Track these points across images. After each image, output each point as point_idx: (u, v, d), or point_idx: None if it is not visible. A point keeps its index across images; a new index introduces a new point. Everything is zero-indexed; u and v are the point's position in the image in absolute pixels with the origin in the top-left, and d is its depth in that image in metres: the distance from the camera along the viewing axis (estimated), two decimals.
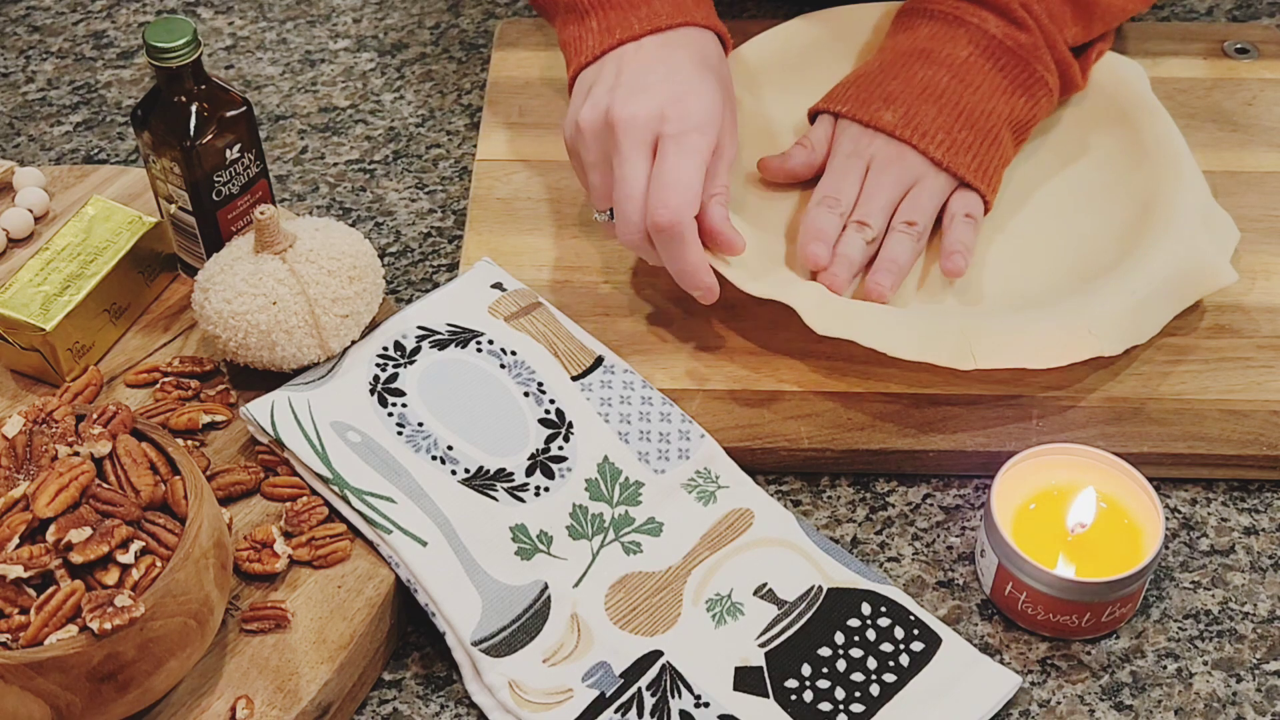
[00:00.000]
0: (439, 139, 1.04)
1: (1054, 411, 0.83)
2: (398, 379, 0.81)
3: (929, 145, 0.89)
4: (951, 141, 0.89)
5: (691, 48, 0.86)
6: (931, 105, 0.90)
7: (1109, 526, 0.76)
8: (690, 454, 0.80)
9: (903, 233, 0.88)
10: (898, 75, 0.92)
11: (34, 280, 0.83)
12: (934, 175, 0.90)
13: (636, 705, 0.72)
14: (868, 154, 0.90)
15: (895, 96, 0.91)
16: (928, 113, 0.90)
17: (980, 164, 0.90)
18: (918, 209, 0.89)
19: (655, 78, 0.83)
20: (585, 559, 0.77)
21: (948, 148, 0.89)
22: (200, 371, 0.84)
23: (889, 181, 0.89)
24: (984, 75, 0.92)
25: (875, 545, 0.81)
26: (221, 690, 0.70)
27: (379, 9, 1.15)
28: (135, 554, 0.66)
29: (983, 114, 0.91)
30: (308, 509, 0.76)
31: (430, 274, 0.95)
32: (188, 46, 0.78)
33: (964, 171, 0.89)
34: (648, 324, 0.88)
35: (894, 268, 0.87)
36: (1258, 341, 0.87)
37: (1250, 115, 1.01)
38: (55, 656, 0.63)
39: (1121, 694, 0.74)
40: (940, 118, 0.90)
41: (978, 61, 0.92)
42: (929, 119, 0.90)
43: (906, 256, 0.88)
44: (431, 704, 0.74)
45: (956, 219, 0.90)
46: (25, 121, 1.06)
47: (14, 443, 0.69)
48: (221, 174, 0.83)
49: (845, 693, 0.72)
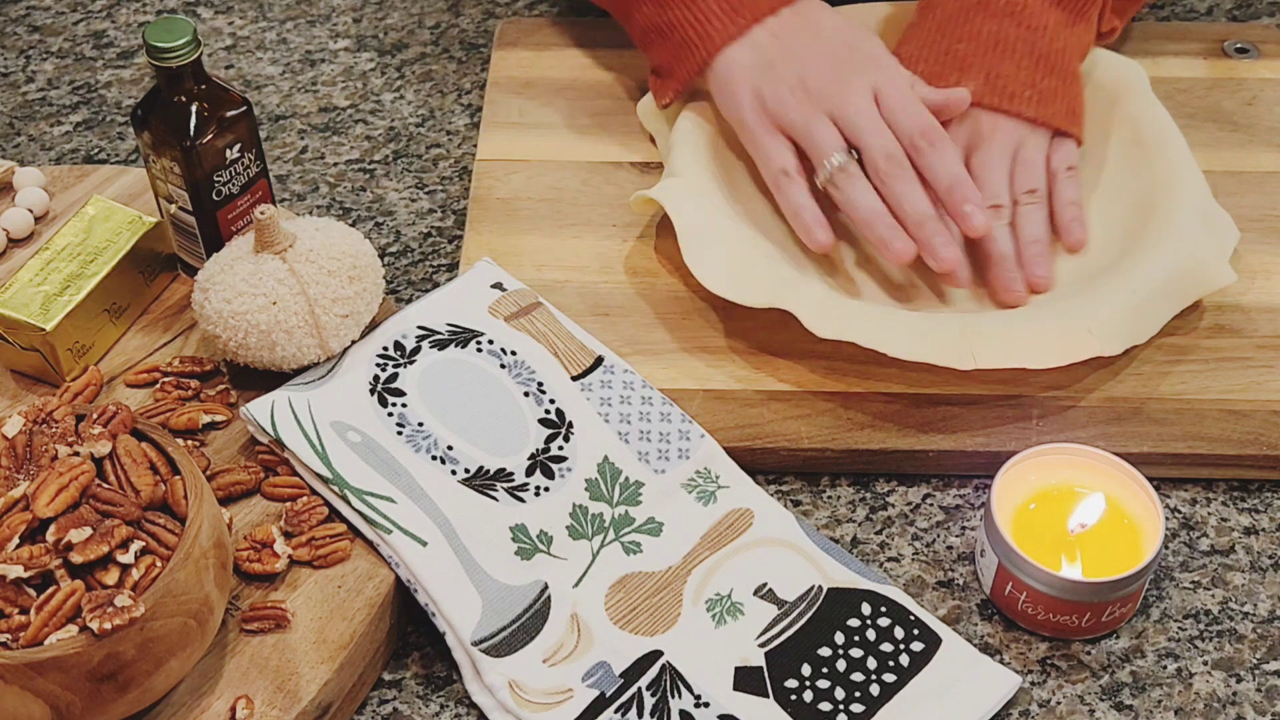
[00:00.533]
0: (439, 139, 1.04)
1: (1054, 411, 0.83)
2: (398, 379, 0.81)
3: (1021, 106, 0.88)
4: (1039, 94, 0.88)
5: (829, 14, 0.90)
6: (1008, 61, 0.89)
7: (1109, 526, 0.76)
8: (690, 454, 0.80)
9: (1030, 204, 0.88)
10: (961, 36, 0.90)
11: (34, 280, 0.83)
12: (1033, 133, 0.89)
13: (636, 705, 0.72)
14: (963, 135, 0.90)
15: (968, 61, 0.89)
16: (1007, 70, 0.89)
17: (1068, 107, 0.89)
18: (1032, 173, 0.88)
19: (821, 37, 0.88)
20: (585, 559, 0.77)
21: (1038, 102, 0.88)
22: (200, 371, 0.84)
23: (996, 156, 0.88)
24: (1046, 14, 0.90)
25: (875, 545, 0.81)
26: (221, 690, 0.70)
27: (379, 9, 1.15)
28: (135, 554, 0.66)
29: (1056, 54, 0.89)
30: (308, 509, 0.76)
31: (430, 274, 0.95)
32: (188, 46, 0.78)
33: (1059, 121, 0.89)
34: (648, 324, 0.88)
35: (1041, 249, 0.87)
36: (1257, 341, 0.87)
37: (1250, 115, 1.01)
38: (55, 656, 0.63)
39: (1121, 694, 0.74)
40: (1021, 72, 0.89)
41: (1035, 2, 0.90)
42: (1011, 77, 0.88)
43: (1043, 228, 0.88)
44: (431, 704, 0.74)
45: (1060, 176, 0.89)
46: (25, 121, 1.06)
47: (14, 443, 0.69)
48: (221, 174, 0.83)
49: (845, 693, 0.72)
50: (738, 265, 0.84)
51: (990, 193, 0.88)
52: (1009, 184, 0.89)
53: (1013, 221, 0.89)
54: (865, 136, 0.85)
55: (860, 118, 0.85)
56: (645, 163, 0.98)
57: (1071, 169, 0.90)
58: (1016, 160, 0.89)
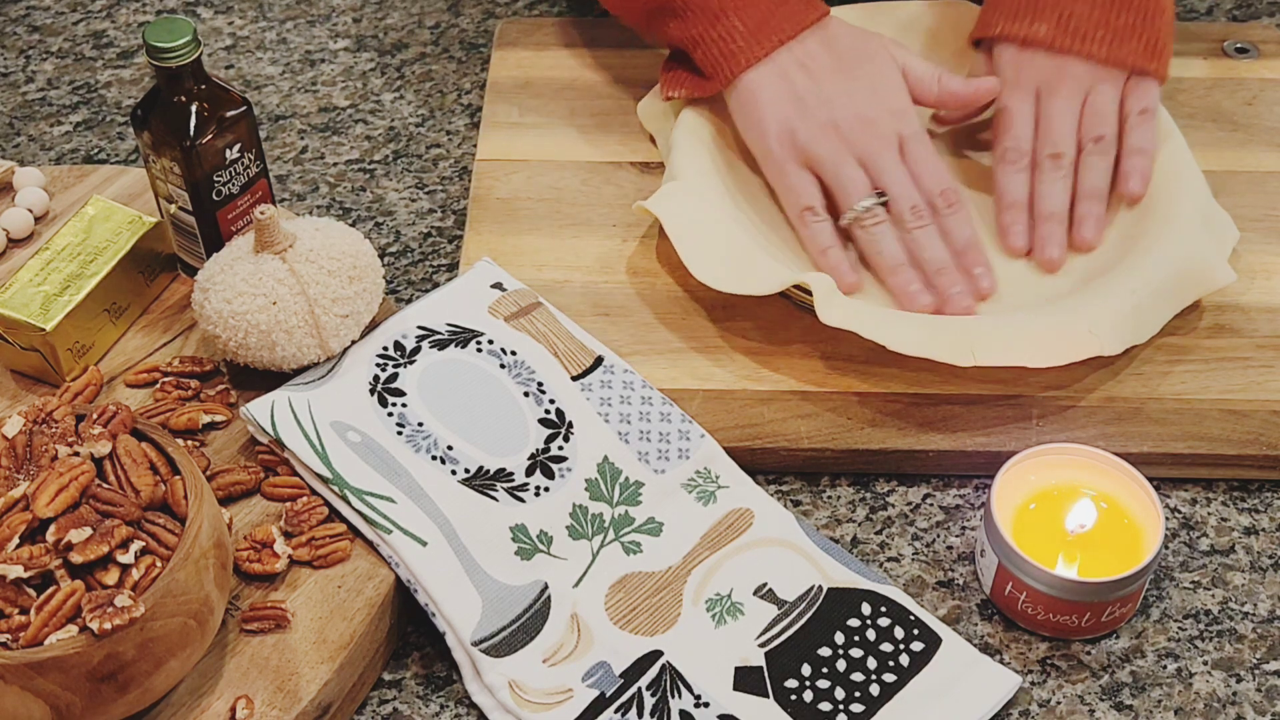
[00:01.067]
0: (439, 139, 1.04)
1: (1054, 411, 0.83)
2: (398, 379, 0.81)
3: (1091, 47, 0.87)
4: (1112, 34, 0.88)
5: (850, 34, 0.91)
6: (1082, 0, 0.88)
7: (1109, 526, 0.76)
8: (690, 454, 0.80)
9: (1094, 154, 0.88)
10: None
11: (34, 280, 0.83)
12: (1104, 75, 0.89)
13: (636, 705, 0.72)
14: (1032, 81, 0.89)
15: (1042, 2, 0.89)
16: (1081, 9, 0.88)
17: (1147, 43, 0.88)
18: (1101, 119, 0.88)
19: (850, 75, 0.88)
20: (585, 559, 0.77)
21: (1109, 42, 0.87)
22: (200, 371, 0.84)
23: (1063, 103, 0.88)
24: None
25: (875, 545, 0.81)
26: (221, 690, 0.70)
27: (379, 9, 1.15)
28: (135, 554, 0.66)
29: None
30: (308, 509, 0.76)
31: (430, 274, 0.95)
32: (188, 46, 0.78)
33: (1133, 59, 0.88)
34: (648, 324, 0.88)
35: (1095, 205, 0.87)
36: (1257, 341, 0.87)
37: (1250, 115, 1.01)
38: (55, 656, 0.63)
39: (1121, 694, 0.74)
40: (1095, 11, 0.88)
41: None
42: (1084, 16, 0.88)
43: (1104, 180, 0.88)
44: (431, 704, 0.74)
45: (1131, 120, 0.89)
46: (25, 121, 1.06)
47: (14, 443, 0.69)
48: (221, 174, 0.83)
49: (845, 693, 0.72)
50: (739, 261, 0.84)
51: (1052, 140, 0.89)
52: (1076, 132, 0.89)
53: (1077, 169, 0.89)
54: (893, 187, 0.87)
55: (890, 167, 0.88)
56: (645, 163, 0.98)
57: (1145, 112, 0.88)
58: (1086, 105, 0.89)
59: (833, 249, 0.88)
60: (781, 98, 0.89)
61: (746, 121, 0.90)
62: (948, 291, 0.86)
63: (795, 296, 0.86)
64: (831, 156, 0.88)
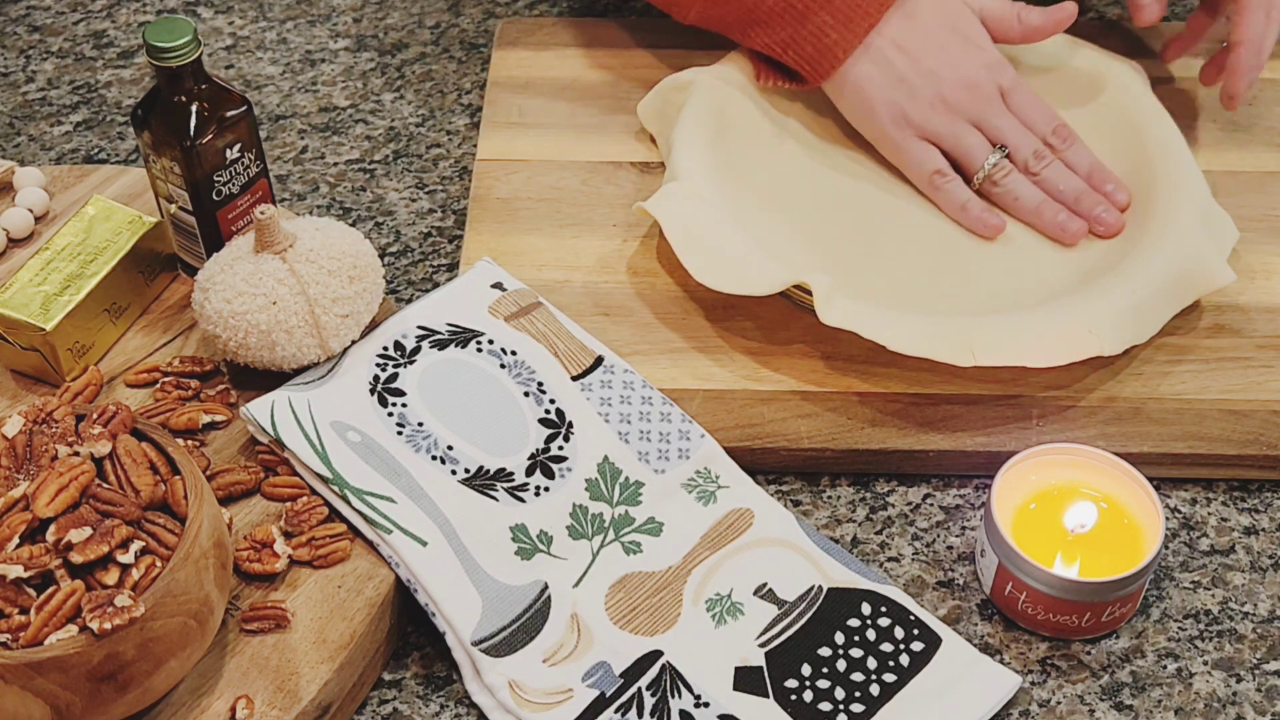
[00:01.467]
0: (439, 139, 1.04)
1: (1054, 411, 0.83)
2: (398, 379, 0.81)
3: None
4: None
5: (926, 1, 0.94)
6: None
7: (1109, 526, 0.76)
8: (690, 454, 0.80)
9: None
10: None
11: (34, 280, 0.83)
12: None
13: (636, 705, 0.72)
14: None
15: None
16: None
17: None
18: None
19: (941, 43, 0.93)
20: (585, 559, 0.77)
21: None
22: (200, 371, 0.84)
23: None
24: None
25: (875, 545, 0.81)
26: (221, 690, 0.70)
27: (379, 9, 1.15)
28: (135, 554, 0.66)
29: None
30: (308, 509, 0.76)
31: (430, 274, 0.95)
32: (188, 46, 0.78)
33: None
34: (648, 324, 0.88)
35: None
36: (1257, 341, 0.87)
37: (1250, 115, 1.01)
38: (55, 656, 0.63)
39: (1121, 694, 0.74)
40: None
41: None
42: None
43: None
44: (431, 704, 0.74)
45: None
46: (25, 121, 1.06)
47: (14, 443, 0.69)
48: (221, 174, 0.83)
49: (845, 693, 0.72)
50: (739, 261, 0.84)
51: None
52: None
53: None
54: (1012, 138, 0.93)
55: (1003, 123, 0.93)
56: (645, 163, 0.98)
57: None
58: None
59: (971, 201, 0.92)
60: (886, 83, 0.92)
61: (856, 112, 0.94)
62: (1092, 212, 0.91)
63: (795, 296, 0.86)
64: (949, 129, 0.92)
